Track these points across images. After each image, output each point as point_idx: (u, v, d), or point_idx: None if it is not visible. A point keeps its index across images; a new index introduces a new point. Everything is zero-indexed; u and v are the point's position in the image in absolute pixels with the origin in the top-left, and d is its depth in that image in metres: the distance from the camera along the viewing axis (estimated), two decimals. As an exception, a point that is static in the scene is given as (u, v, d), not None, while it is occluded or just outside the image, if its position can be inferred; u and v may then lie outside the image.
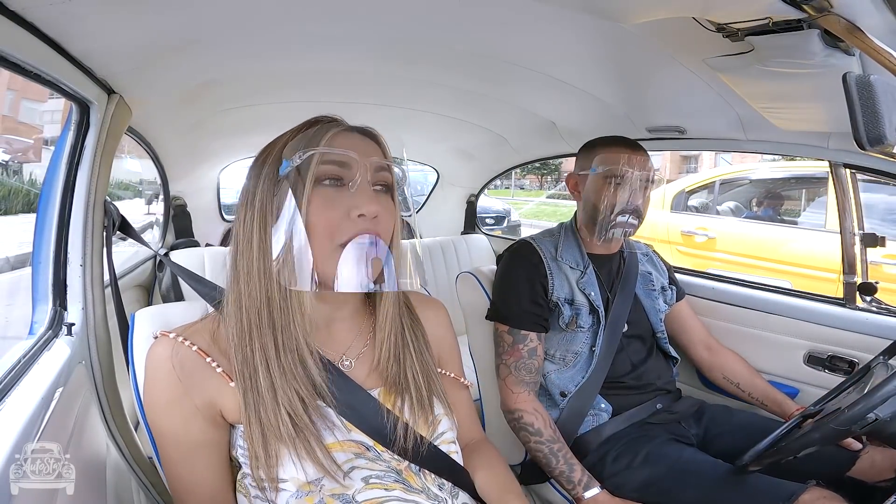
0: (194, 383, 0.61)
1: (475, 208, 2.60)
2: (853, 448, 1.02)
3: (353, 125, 0.67)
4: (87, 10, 0.66)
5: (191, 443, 0.63)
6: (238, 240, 0.64)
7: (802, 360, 1.34)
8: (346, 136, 0.64)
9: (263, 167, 0.64)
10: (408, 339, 0.71)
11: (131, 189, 2.37)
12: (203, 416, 0.62)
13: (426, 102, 1.57)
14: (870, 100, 0.61)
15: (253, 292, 0.61)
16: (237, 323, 0.62)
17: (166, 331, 0.65)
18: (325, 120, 0.67)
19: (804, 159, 3.16)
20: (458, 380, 0.81)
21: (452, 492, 0.68)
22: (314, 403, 0.61)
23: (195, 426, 0.62)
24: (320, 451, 0.59)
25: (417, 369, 0.69)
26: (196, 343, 0.63)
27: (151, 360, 0.63)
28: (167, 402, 0.62)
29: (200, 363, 0.62)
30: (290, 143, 0.63)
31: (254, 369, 0.60)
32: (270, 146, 0.66)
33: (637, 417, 1.16)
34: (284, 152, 0.62)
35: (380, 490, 0.62)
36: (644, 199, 1.17)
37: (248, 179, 0.65)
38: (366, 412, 0.64)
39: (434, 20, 0.92)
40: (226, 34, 0.91)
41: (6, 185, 1.70)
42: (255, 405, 0.59)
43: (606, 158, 1.17)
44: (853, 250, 1.30)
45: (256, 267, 0.61)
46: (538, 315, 1.16)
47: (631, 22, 0.79)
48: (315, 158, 0.60)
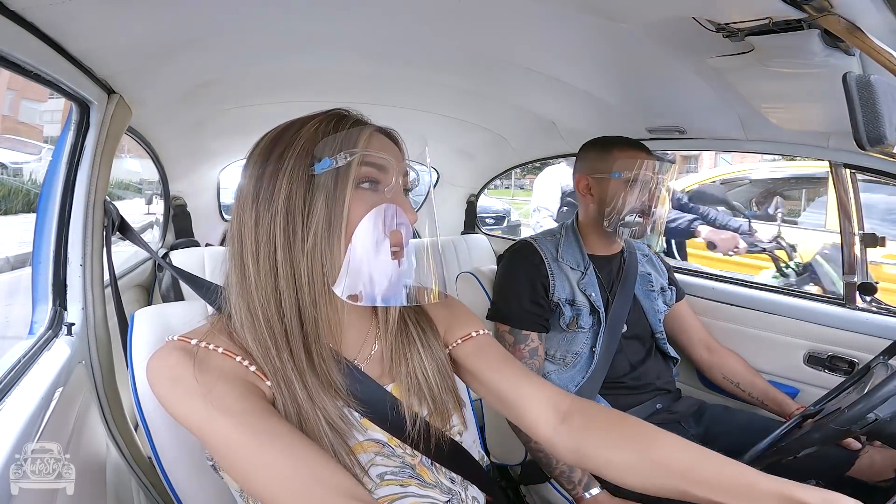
0: (229, 383, 0.54)
1: (475, 208, 2.59)
2: (852, 448, 1.02)
3: (378, 125, 0.63)
4: (87, 10, 0.66)
5: (256, 414, 0.53)
6: (247, 238, 0.57)
7: (802, 360, 1.33)
8: (380, 137, 0.60)
9: (283, 161, 0.57)
10: (413, 336, 0.69)
11: (131, 189, 2.37)
12: (252, 391, 0.55)
13: (426, 102, 1.57)
14: (870, 100, 0.61)
15: (272, 300, 0.56)
16: (254, 332, 0.57)
17: (184, 336, 0.58)
18: (351, 115, 0.62)
19: (804, 159, 3.15)
20: (482, 332, 0.73)
21: (463, 484, 0.68)
22: (339, 406, 0.60)
23: (253, 399, 0.54)
24: (346, 453, 0.57)
25: (426, 366, 0.67)
26: (220, 345, 0.58)
27: (165, 366, 0.56)
28: (203, 395, 0.53)
29: (231, 363, 0.57)
30: (322, 138, 0.57)
31: (288, 380, 0.56)
32: (284, 137, 0.59)
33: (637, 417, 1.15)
34: (319, 149, 0.56)
35: (395, 486, 0.60)
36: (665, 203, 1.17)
37: (256, 170, 0.58)
38: (384, 409, 0.63)
39: (434, 20, 0.92)
40: (226, 34, 0.91)
41: (6, 185, 1.70)
42: (291, 414, 0.56)
43: (629, 164, 1.14)
44: (853, 250, 1.30)
45: (283, 269, 0.56)
46: (539, 315, 1.16)
47: (631, 22, 0.79)
48: (356, 159, 0.56)
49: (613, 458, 0.60)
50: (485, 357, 0.71)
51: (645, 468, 0.58)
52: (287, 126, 0.60)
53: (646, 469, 0.58)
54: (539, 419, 0.65)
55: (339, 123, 0.59)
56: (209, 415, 0.52)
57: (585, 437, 0.62)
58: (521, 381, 0.68)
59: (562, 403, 0.66)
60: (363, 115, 0.63)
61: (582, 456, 0.62)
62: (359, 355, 0.67)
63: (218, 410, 0.52)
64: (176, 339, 0.58)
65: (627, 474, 0.59)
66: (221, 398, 0.53)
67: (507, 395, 0.68)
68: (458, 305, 0.77)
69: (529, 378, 0.68)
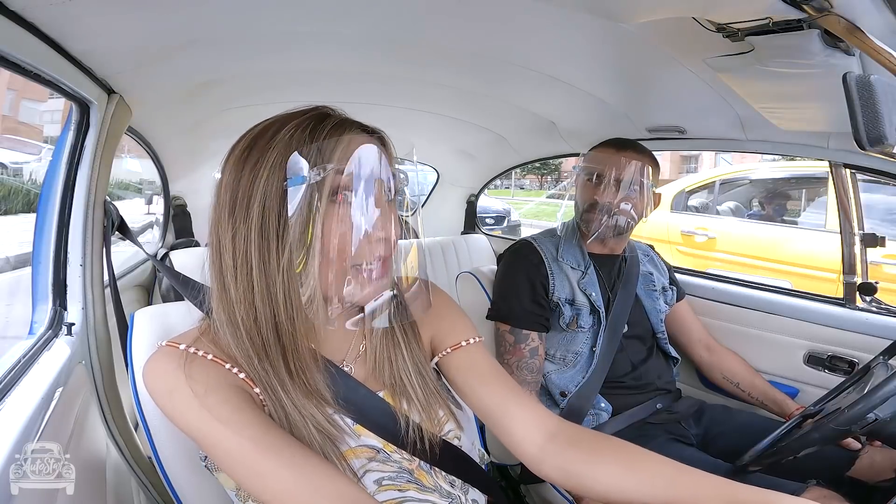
0: (222, 392, 0.55)
1: (475, 208, 2.59)
2: (852, 448, 1.02)
3: (361, 123, 0.60)
4: (87, 10, 0.66)
5: (254, 425, 0.53)
6: (225, 251, 0.55)
7: (802, 360, 1.33)
8: (361, 142, 0.57)
9: (257, 171, 0.54)
10: (398, 338, 0.68)
11: (131, 189, 2.37)
12: (245, 399, 0.55)
13: (426, 102, 1.57)
14: (870, 100, 0.61)
15: (250, 313, 0.55)
16: (236, 340, 0.57)
17: (173, 341, 0.58)
18: (332, 115, 0.59)
19: (804, 159, 3.16)
20: (472, 341, 0.72)
21: (463, 488, 0.68)
22: (328, 412, 0.60)
23: (248, 410, 0.54)
24: (338, 461, 0.57)
25: (409, 368, 0.67)
26: (209, 352, 0.57)
27: (160, 374, 0.56)
28: (199, 404, 0.53)
29: (221, 370, 0.57)
30: (296, 148, 0.54)
31: (273, 388, 0.57)
32: (259, 143, 0.56)
33: (637, 417, 1.15)
34: (292, 163, 0.53)
35: (393, 491, 0.61)
36: (626, 200, 1.17)
37: (232, 179, 0.55)
38: (376, 415, 0.63)
39: (434, 20, 0.92)
40: (226, 34, 0.91)
41: (6, 185, 1.70)
42: (281, 419, 0.57)
43: (588, 157, 1.22)
44: (853, 250, 1.30)
45: (258, 286, 0.54)
46: (539, 315, 1.16)
47: (631, 22, 0.79)
48: (331, 172, 0.54)
49: (599, 475, 0.60)
50: (473, 370, 0.70)
51: (630, 485, 0.59)
52: (263, 129, 0.57)
53: (631, 486, 0.59)
54: (525, 438, 0.65)
55: (316, 130, 0.56)
56: (209, 426, 0.52)
57: (571, 456, 0.62)
58: (509, 398, 0.67)
59: (549, 423, 0.65)
60: (346, 114, 0.60)
61: (568, 474, 0.62)
62: (347, 356, 0.67)
63: (216, 420, 0.52)
64: (165, 345, 0.58)
65: (613, 491, 0.60)
66: (218, 408, 0.53)
67: (494, 412, 0.67)
68: (449, 308, 0.75)
69: (517, 395, 0.67)
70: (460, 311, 0.76)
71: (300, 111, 0.59)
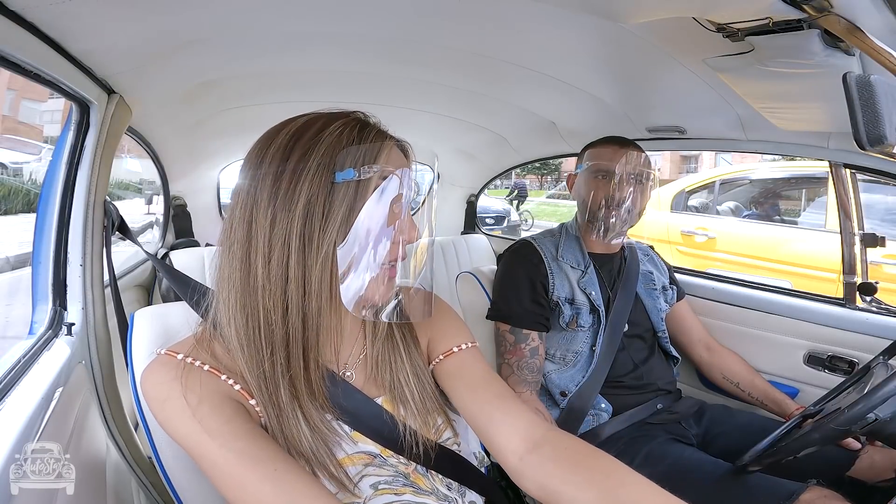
0: (215, 404, 0.55)
1: (475, 208, 2.60)
2: (852, 448, 1.02)
3: (395, 136, 0.62)
4: (87, 10, 0.66)
5: (242, 437, 0.54)
6: (260, 242, 0.55)
7: (802, 360, 1.33)
8: (396, 152, 0.60)
9: (306, 162, 0.55)
10: (398, 341, 0.69)
11: (131, 189, 2.37)
12: (238, 411, 0.56)
13: (426, 102, 1.57)
14: (870, 100, 0.61)
15: (280, 304, 0.56)
16: (249, 334, 0.57)
17: (171, 350, 0.59)
18: (371, 122, 0.61)
19: (804, 159, 3.16)
20: (466, 346, 0.72)
21: (460, 491, 0.68)
22: (325, 417, 0.60)
23: (239, 421, 0.55)
24: (333, 466, 0.58)
25: (408, 371, 0.68)
26: (205, 363, 0.58)
27: (156, 383, 0.57)
28: (191, 415, 0.54)
29: (216, 382, 0.57)
30: (346, 146, 0.56)
31: (275, 385, 0.57)
32: (305, 136, 0.57)
33: (637, 417, 1.15)
34: (342, 157, 0.56)
35: (390, 495, 0.61)
36: (636, 196, 1.18)
37: (274, 168, 0.56)
38: (374, 422, 0.63)
39: (434, 20, 0.92)
40: (226, 34, 0.91)
41: (6, 185, 1.70)
42: (278, 420, 0.57)
43: (593, 154, 1.22)
44: (853, 250, 1.30)
45: (294, 273, 0.55)
46: (539, 314, 1.16)
47: (631, 22, 0.79)
48: (377, 174, 0.56)
49: (578, 496, 0.57)
50: (462, 376, 0.69)
51: None
52: (307, 123, 0.58)
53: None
54: (506, 447, 0.63)
55: (363, 132, 0.58)
56: (198, 437, 0.53)
57: (551, 473, 0.60)
58: (494, 406, 0.65)
59: (534, 433, 0.63)
60: (381, 124, 0.62)
61: (547, 491, 0.60)
62: (348, 361, 0.67)
63: (206, 432, 0.53)
64: (164, 354, 0.59)
65: None
66: (208, 419, 0.54)
67: (479, 419, 0.66)
68: (445, 313, 0.75)
69: (504, 403, 0.66)
70: (455, 316, 0.76)
71: (339, 112, 0.61)
